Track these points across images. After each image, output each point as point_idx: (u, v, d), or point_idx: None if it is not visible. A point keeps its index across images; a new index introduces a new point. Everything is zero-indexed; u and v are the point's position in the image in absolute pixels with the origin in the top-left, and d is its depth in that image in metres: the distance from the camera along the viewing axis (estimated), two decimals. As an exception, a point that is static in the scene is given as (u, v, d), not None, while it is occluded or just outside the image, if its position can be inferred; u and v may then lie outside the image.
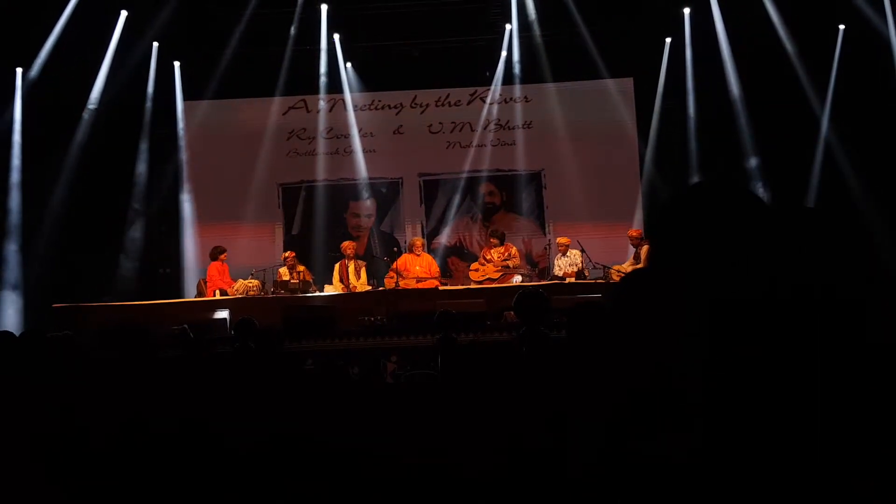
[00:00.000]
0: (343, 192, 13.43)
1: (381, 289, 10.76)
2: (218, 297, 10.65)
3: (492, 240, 11.42)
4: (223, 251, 11.32)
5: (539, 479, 2.92)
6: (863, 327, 1.52)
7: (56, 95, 11.84)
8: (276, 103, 13.27)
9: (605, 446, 1.70)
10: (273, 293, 10.62)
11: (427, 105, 13.48)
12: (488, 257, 11.26)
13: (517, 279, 10.88)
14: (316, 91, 13.21)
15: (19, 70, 11.91)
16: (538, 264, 12.76)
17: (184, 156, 13.28)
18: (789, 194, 11.96)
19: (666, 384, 1.59)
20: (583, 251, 10.96)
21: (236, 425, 3.68)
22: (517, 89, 13.31)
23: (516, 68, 13.11)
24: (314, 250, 12.85)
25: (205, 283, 11.27)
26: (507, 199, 13.41)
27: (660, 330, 1.62)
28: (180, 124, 13.30)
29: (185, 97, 13.30)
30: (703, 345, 1.56)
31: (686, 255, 1.66)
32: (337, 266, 11.20)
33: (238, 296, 10.52)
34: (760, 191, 11.68)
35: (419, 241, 11.58)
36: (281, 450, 3.48)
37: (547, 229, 13.17)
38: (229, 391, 4.24)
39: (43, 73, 11.77)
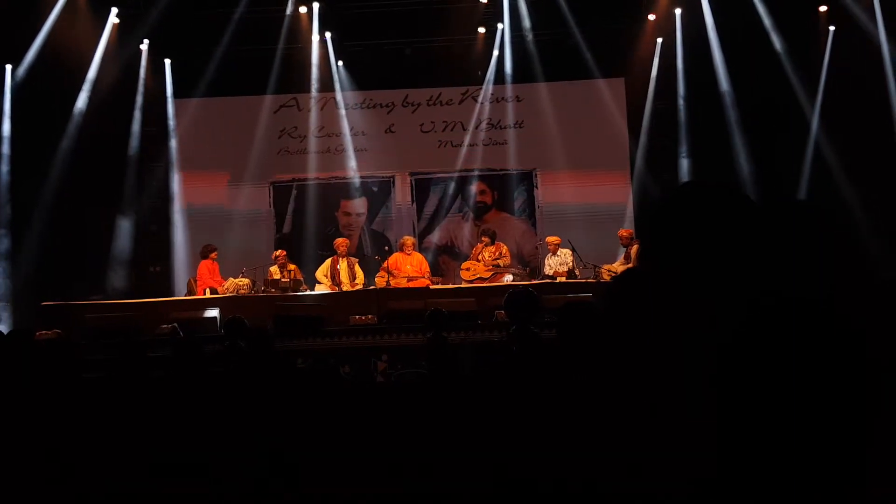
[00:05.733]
0: (334, 191, 13.41)
1: (371, 288, 10.74)
2: (208, 295, 10.62)
3: (483, 238, 11.42)
4: (214, 249, 11.29)
5: (532, 480, 2.92)
6: (856, 324, 1.52)
7: (46, 93, 11.78)
8: (268, 101, 13.23)
9: (599, 445, 1.70)
10: (264, 292, 10.60)
11: (419, 104, 13.47)
12: (479, 256, 11.25)
13: (508, 278, 10.89)
14: (307, 89, 13.19)
15: (8, 67, 11.85)
16: (529, 263, 12.75)
17: (174, 154, 13.23)
18: (779, 194, 11.99)
19: (658, 383, 1.59)
20: (574, 250, 10.97)
21: (227, 423, 3.67)
22: (509, 89, 13.32)
23: (508, 68, 13.12)
24: (305, 249, 12.83)
25: (195, 281, 11.24)
26: (499, 199, 13.41)
27: (651, 329, 1.62)
28: (171, 122, 13.25)
29: (176, 95, 13.24)
30: (694, 344, 1.57)
31: (677, 255, 1.66)
32: (328, 261, 11.17)
33: (228, 294, 10.49)
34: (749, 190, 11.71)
35: (410, 239, 11.55)
36: (272, 448, 3.47)
37: (538, 228, 13.18)
38: (220, 391, 4.23)
39: (32, 71, 11.71)
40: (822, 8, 12.26)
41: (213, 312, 9.64)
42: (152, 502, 3.41)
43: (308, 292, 10.68)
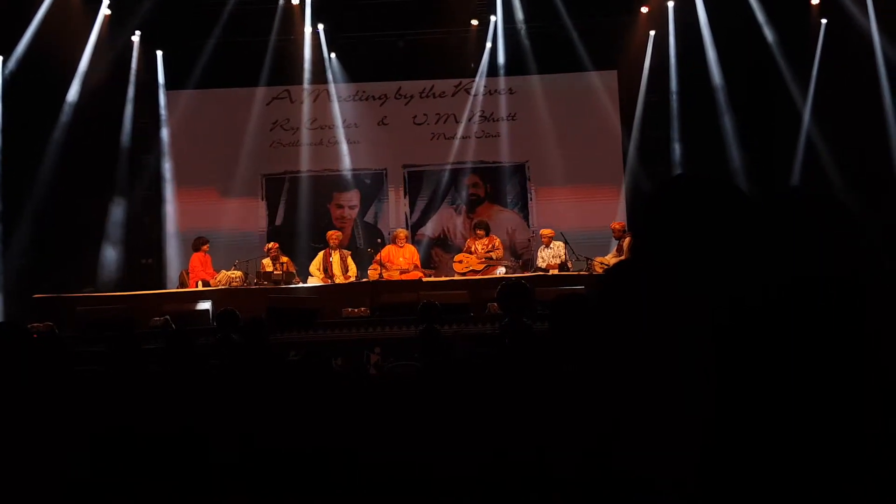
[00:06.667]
0: (327, 183, 13.39)
1: (364, 280, 10.75)
2: (200, 288, 10.60)
3: (478, 231, 11.43)
4: (206, 242, 11.27)
5: (522, 474, 2.93)
6: (856, 315, 1.51)
7: (37, 85, 11.71)
8: (260, 93, 13.19)
9: (591, 437, 1.71)
10: (256, 284, 10.58)
11: (411, 96, 13.46)
12: (472, 249, 11.26)
13: (501, 271, 10.89)
14: (300, 81, 13.15)
15: (-1, 58, 11.80)
16: (522, 256, 12.78)
17: (166, 146, 13.19)
18: (771, 186, 12.02)
19: (651, 376, 1.60)
20: (566, 243, 10.99)
21: (220, 416, 3.67)
22: (502, 81, 13.30)
23: (501, 60, 13.11)
24: (298, 241, 12.82)
25: (187, 273, 11.22)
26: (492, 191, 13.41)
27: (644, 322, 1.62)
28: (163, 114, 13.21)
29: (168, 87, 13.20)
30: (687, 336, 1.57)
31: (668, 247, 1.67)
32: (320, 254, 11.17)
33: (221, 287, 10.48)
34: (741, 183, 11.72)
35: (403, 232, 11.56)
36: (263, 439, 3.48)
37: (531, 221, 13.19)
38: (211, 383, 4.23)
39: (23, 63, 11.64)
40: (815, 1, 12.28)
41: (205, 305, 9.62)
42: (145, 497, 3.41)
43: (301, 285, 10.68)
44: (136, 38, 12.71)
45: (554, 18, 12.54)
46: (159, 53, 13.08)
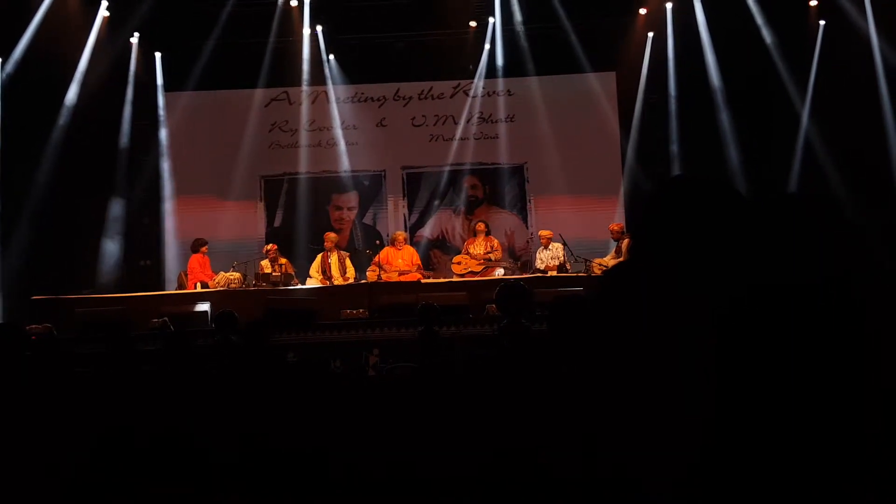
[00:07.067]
0: (325, 185, 13.38)
1: (363, 282, 10.75)
2: (199, 289, 10.60)
3: (478, 225, 11.45)
4: (204, 243, 11.27)
5: (521, 474, 2.93)
6: (855, 316, 1.50)
7: (36, 86, 11.71)
8: (259, 95, 13.19)
9: (589, 440, 1.70)
10: (255, 286, 10.58)
11: (410, 98, 13.46)
12: (471, 250, 11.27)
13: (499, 272, 10.89)
14: (299, 83, 13.15)
15: (-2, 60, 11.80)
16: (520, 257, 12.78)
17: (165, 147, 13.19)
18: (770, 187, 12.02)
19: (650, 377, 1.60)
20: (565, 244, 10.99)
21: (219, 417, 3.67)
22: (500, 83, 13.31)
23: (499, 61, 13.11)
24: (296, 243, 12.81)
25: (186, 275, 11.21)
26: (490, 193, 13.41)
27: (643, 323, 1.62)
28: (161, 115, 13.20)
29: (167, 88, 13.19)
30: (686, 336, 1.57)
31: (667, 248, 1.66)
32: (319, 257, 11.17)
33: (219, 288, 10.47)
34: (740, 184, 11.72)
35: (401, 234, 11.57)
36: (259, 443, 3.47)
37: (529, 223, 13.19)
38: (209, 385, 4.22)
39: (22, 64, 11.63)
40: (813, 2, 12.29)
41: (203, 306, 9.61)
42: (145, 497, 3.41)
43: (299, 286, 10.68)
44: (134, 40, 12.71)
45: (552, 20, 12.54)
46: (158, 55, 13.08)
